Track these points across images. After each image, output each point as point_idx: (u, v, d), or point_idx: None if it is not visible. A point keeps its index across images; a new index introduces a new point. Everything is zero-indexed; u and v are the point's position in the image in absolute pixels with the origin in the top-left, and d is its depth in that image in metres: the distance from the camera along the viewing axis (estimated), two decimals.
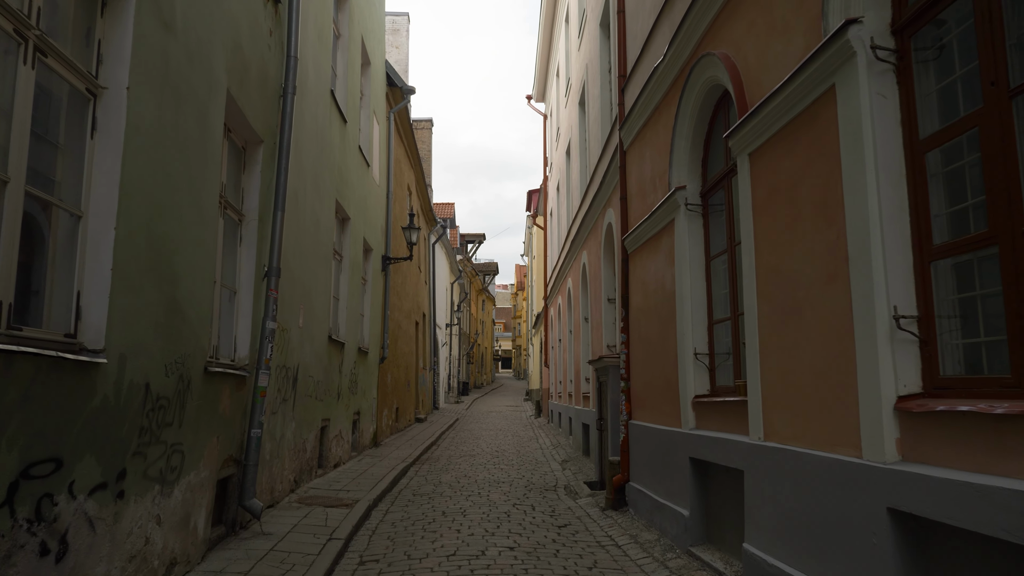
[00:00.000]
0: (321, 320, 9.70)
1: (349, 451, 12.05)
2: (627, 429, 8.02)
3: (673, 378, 6.37)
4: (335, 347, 10.62)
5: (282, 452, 7.95)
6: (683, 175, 6.26)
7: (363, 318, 13.73)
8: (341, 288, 11.53)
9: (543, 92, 24.60)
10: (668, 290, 6.57)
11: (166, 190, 4.30)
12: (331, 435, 10.60)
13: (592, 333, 12.30)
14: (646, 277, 7.40)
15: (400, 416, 18.52)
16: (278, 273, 6.64)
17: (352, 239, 11.97)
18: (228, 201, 6.00)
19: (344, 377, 11.42)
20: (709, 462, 5.56)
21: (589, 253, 12.65)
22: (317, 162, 9.24)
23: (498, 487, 9.83)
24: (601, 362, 9.69)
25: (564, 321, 17.80)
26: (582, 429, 13.53)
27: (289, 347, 8.10)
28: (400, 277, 18.39)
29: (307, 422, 9.11)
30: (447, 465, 12.33)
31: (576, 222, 14.38)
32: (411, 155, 20.39)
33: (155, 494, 4.35)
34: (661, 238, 6.83)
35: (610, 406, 9.31)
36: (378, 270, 14.77)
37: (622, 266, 8.32)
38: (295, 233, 8.13)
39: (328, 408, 10.34)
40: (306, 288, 8.81)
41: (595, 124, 11.99)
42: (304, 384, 8.88)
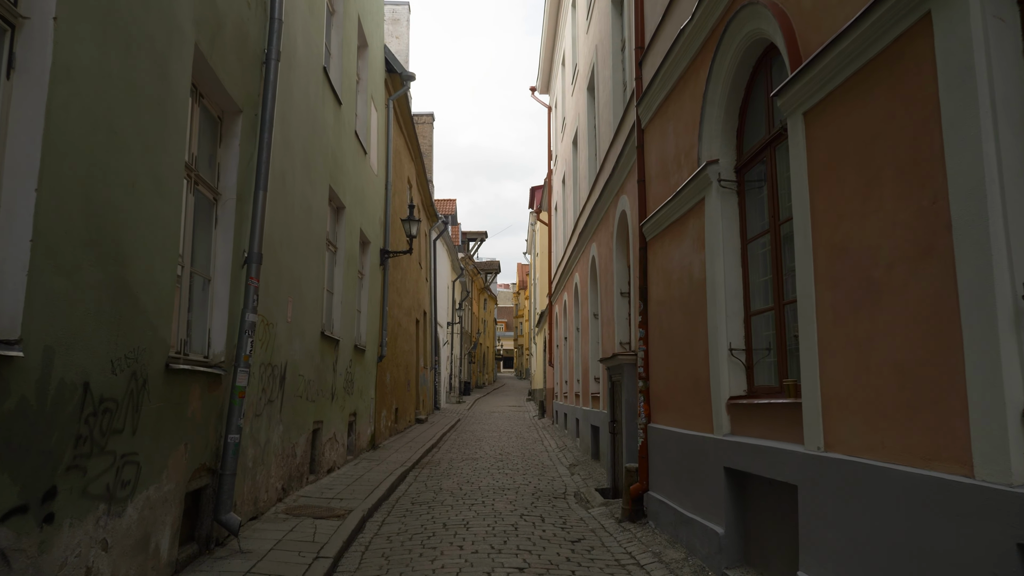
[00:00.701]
0: (313, 315, 9.00)
1: (345, 455, 11.35)
2: (645, 433, 7.31)
3: (702, 377, 5.66)
4: (328, 344, 9.92)
5: (268, 458, 7.25)
6: (715, 148, 5.54)
7: (360, 314, 13.03)
8: (335, 281, 10.83)
9: (547, 84, 23.89)
10: (696, 278, 5.85)
11: (111, 151, 3.59)
12: (324, 438, 9.90)
13: (602, 330, 11.59)
14: (669, 266, 6.69)
15: (400, 417, 17.82)
16: (259, 260, 5.93)
17: (348, 230, 11.26)
18: (200, 175, 5.29)
19: (339, 376, 10.72)
20: (749, 473, 4.85)
21: (599, 245, 11.94)
22: (308, 143, 8.54)
23: (503, 495, 9.12)
24: (615, 360, 8.98)
25: (570, 318, 17.08)
26: (591, 431, 12.82)
27: (276, 343, 7.40)
28: (400, 273, 17.69)
29: (297, 425, 8.40)
30: (448, 469, 11.62)
31: (584, 214, 13.67)
32: (411, 147, 19.68)
33: (100, 515, 3.64)
34: (688, 221, 6.11)
35: (625, 407, 8.60)
36: (376, 264, 14.07)
37: (639, 256, 7.61)
38: (282, 218, 7.43)
39: (321, 409, 9.64)
40: (295, 279, 8.11)
41: (606, 108, 11.28)
42: (293, 383, 8.18)
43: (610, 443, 9.66)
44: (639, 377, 7.42)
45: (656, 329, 7.15)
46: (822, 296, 3.83)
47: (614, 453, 9.45)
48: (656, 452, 6.99)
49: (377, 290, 14.24)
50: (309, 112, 8.52)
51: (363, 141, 12.45)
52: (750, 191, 5.37)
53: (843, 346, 3.62)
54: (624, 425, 8.61)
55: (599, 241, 11.91)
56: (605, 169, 10.95)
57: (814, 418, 3.86)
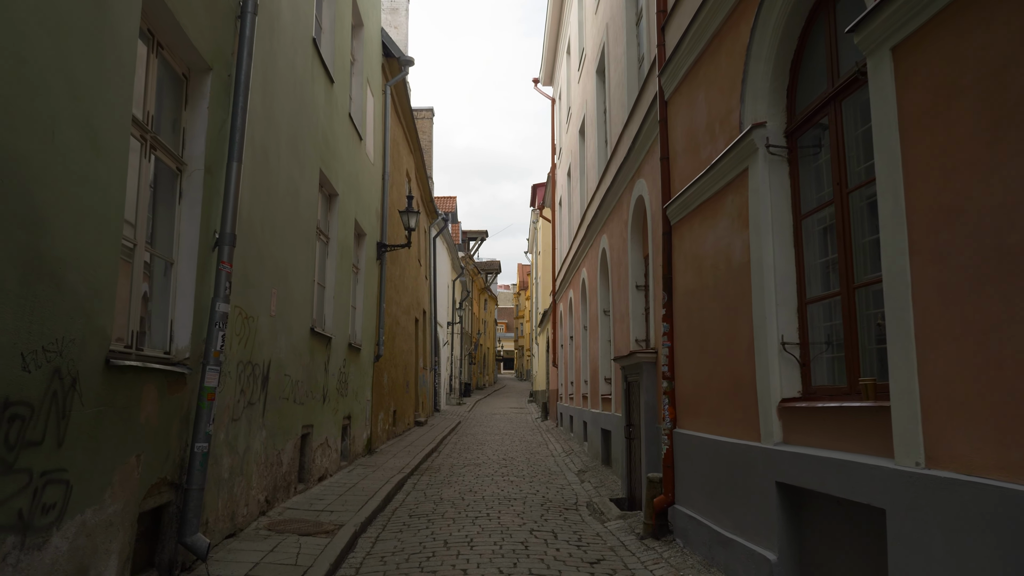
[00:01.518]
0: (301, 309, 8.22)
1: (338, 461, 10.57)
2: (671, 440, 6.52)
3: (745, 376, 4.88)
4: (319, 341, 9.14)
5: (247, 467, 6.47)
6: (761, 109, 4.76)
7: (355, 311, 12.25)
8: (327, 274, 10.05)
9: (551, 75, 23.13)
10: (737, 263, 5.07)
11: (16, 85, 2.81)
12: (315, 443, 9.11)
13: (615, 327, 10.81)
14: (700, 251, 5.90)
15: (398, 419, 17.04)
16: (233, 242, 5.14)
17: (341, 219, 10.48)
18: (158, 139, 4.50)
19: (331, 377, 9.93)
20: (810, 491, 4.07)
21: (610, 236, 11.16)
22: (295, 120, 7.76)
23: (509, 506, 8.32)
24: (632, 359, 8.20)
25: (577, 316, 16.30)
26: (600, 436, 12.03)
27: (257, 339, 6.62)
28: (398, 269, 16.90)
29: (283, 429, 7.62)
30: (449, 476, 10.83)
31: (592, 205, 12.89)
32: (410, 139, 18.90)
33: (7, 550, 2.86)
34: (725, 197, 5.33)
35: (643, 410, 7.82)
36: (372, 258, 13.29)
37: (662, 242, 6.83)
38: (264, 200, 6.65)
39: (311, 412, 8.86)
40: (280, 269, 7.33)
41: (618, 88, 10.51)
42: (278, 384, 7.40)
43: (625, 449, 8.88)
44: (664, 377, 6.63)
45: (683, 323, 6.36)
46: (922, 273, 3.05)
47: (630, 460, 8.67)
48: (684, 461, 6.20)
49: (373, 286, 13.46)
50: (296, 86, 7.74)
51: (358, 126, 11.68)
52: (804, 159, 4.59)
53: (956, 335, 2.83)
54: (643, 430, 7.83)
55: (610, 232, 11.13)
56: (618, 153, 10.17)
57: (909, 426, 3.07)
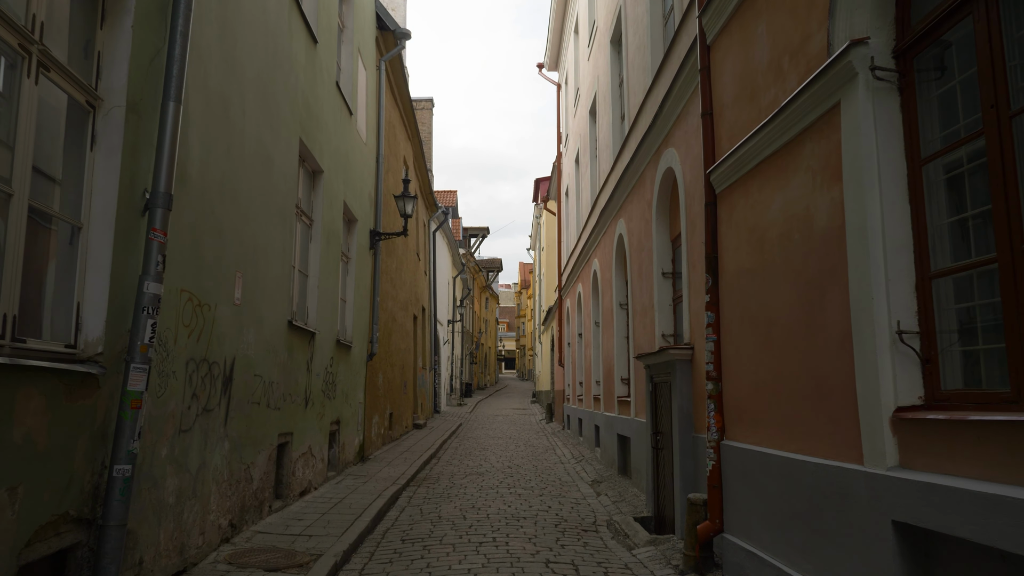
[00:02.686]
0: (276, 299, 7.06)
1: (324, 471, 9.42)
2: (717, 454, 5.36)
3: (835, 376, 3.72)
4: (300, 337, 7.98)
5: (203, 488, 5.31)
6: (861, 22, 3.59)
7: (345, 304, 11.09)
8: (311, 261, 8.89)
9: (556, 59, 21.97)
10: (823, 228, 3.91)
11: None
12: (295, 453, 7.96)
13: (634, 321, 9.65)
14: (761, 219, 4.75)
15: (395, 423, 15.88)
16: (168, 204, 3.98)
17: (327, 200, 9.32)
18: (51, 57, 3.34)
19: (315, 377, 8.78)
20: (948, 536, 2.91)
21: (629, 220, 10.00)
22: (267, 73, 6.60)
23: (518, 527, 7.16)
24: (661, 356, 7.04)
25: (586, 312, 15.14)
26: (616, 442, 10.87)
27: (215, 332, 5.47)
28: (394, 261, 15.74)
29: (253, 439, 6.47)
30: (449, 488, 9.68)
31: (607, 188, 11.73)
32: (408, 124, 17.74)
33: None
34: (801, 146, 4.17)
35: (676, 416, 6.66)
36: (365, 247, 12.13)
37: (706, 215, 5.67)
38: (225, 161, 5.50)
39: (290, 418, 7.70)
40: (247, 249, 6.18)
41: (638, 53, 9.35)
42: (246, 387, 6.25)
43: (651, 460, 7.72)
44: (708, 377, 5.47)
45: (735, 311, 5.20)
46: None
47: (657, 473, 7.51)
48: (738, 482, 5.04)
49: (366, 277, 12.29)
50: (268, 34, 6.59)
51: (347, 99, 10.51)
52: (923, 85, 3.42)
53: None
54: (675, 439, 6.67)
55: (629, 215, 9.97)
56: (639, 126, 9.01)
57: None
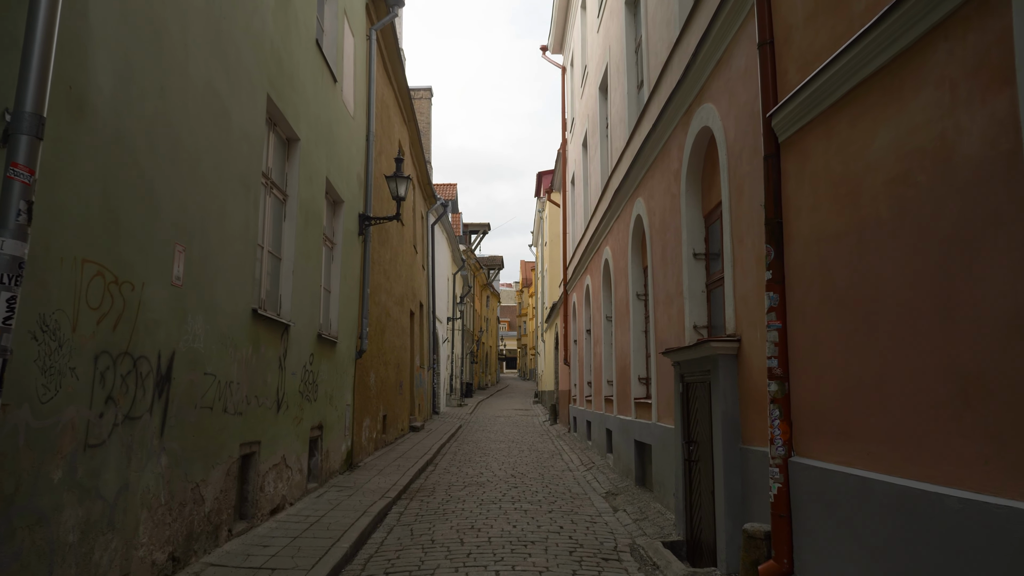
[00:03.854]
0: (235, 282, 5.90)
1: (304, 483, 8.25)
2: (785, 474, 4.18)
3: (999, 373, 2.55)
4: (269, 329, 6.81)
5: (124, 517, 4.15)
6: None
7: (329, 295, 9.92)
8: (284, 242, 7.72)
9: (561, 40, 20.80)
10: (974, 160, 2.74)
11: None
12: (264, 465, 6.80)
13: (657, 312, 8.47)
14: (855, 164, 3.58)
15: (389, 425, 14.71)
16: (39, 130, 2.82)
17: (305, 174, 8.15)
18: None
19: (290, 377, 7.62)
20: None
21: (650, 197, 8.83)
22: (221, 5, 5.44)
23: (526, 555, 5.99)
24: (697, 351, 5.86)
25: (596, 306, 13.98)
26: (634, 449, 9.69)
27: (143, 318, 4.30)
28: (389, 252, 14.58)
29: (203, 452, 5.31)
30: (445, 502, 8.50)
31: (622, 165, 10.56)
32: (404, 107, 16.57)
33: None
34: (931, 49, 2.99)
35: (718, 423, 5.49)
36: (353, 233, 10.95)
37: (767, 172, 4.50)
38: (157, 102, 4.34)
39: (256, 424, 6.54)
40: (193, 219, 5.01)
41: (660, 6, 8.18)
42: (192, 388, 5.08)
43: (683, 474, 6.55)
44: (770, 376, 4.29)
45: (811, 289, 4.03)
46: None
47: (691, 490, 6.34)
48: (817, 513, 3.87)
49: (355, 266, 11.12)
50: None
51: (331, 63, 9.34)
52: None
53: None
54: (717, 450, 5.50)
55: (651, 191, 8.79)
56: (664, 86, 7.84)
57: None
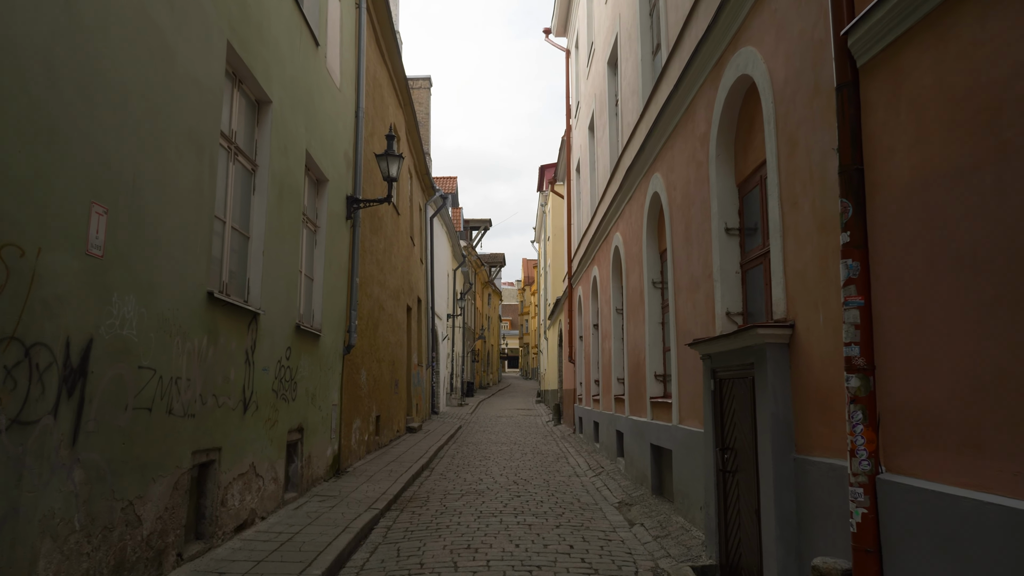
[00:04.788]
0: (181, 257, 4.93)
1: (280, 493, 7.29)
2: (872, 495, 3.20)
3: None
4: (230, 318, 5.84)
5: (12, 553, 3.18)
6: None
7: (312, 284, 8.96)
8: (253, 218, 6.74)
9: (565, 22, 19.84)
10: None
11: None
12: (227, 475, 5.83)
13: (678, 300, 7.49)
14: (1001, 69, 2.60)
15: (383, 427, 13.75)
16: None
17: (279, 143, 7.18)
18: None
19: (261, 373, 6.65)
20: None
21: (669, 170, 7.84)
22: None
23: None
24: (735, 340, 4.88)
25: (604, 298, 13.01)
26: (650, 454, 8.72)
27: (39, 293, 3.33)
28: (383, 241, 13.61)
29: (138, 463, 4.34)
30: (439, 515, 7.53)
31: (635, 141, 9.58)
32: (399, 89, 15.61)
33: None
34: None
35: (766, 427, 4.50)
36: (340, 216, 9.98)
37: (842, 106, 3.52)
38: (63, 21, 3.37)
39: (216, 428, 5.57)
40: (120, 175, 4.04)
41: None
42: (121, 384, 4.11)
43: (715, 486, 5.57)
44: (850, 367, 3.30)
45: (909, 252, 3.05)
46: None
47: (726, 505, 5.36)
48: (929, 552, 2.89)
49: (342, 253, 10.15)
50: None
51: (311, 23, 8.37)
52: None
53: None
54: (764, 460, 4.53)
55: (671, 163, 7.81)
56: (686, 40, 6.85)
57: None
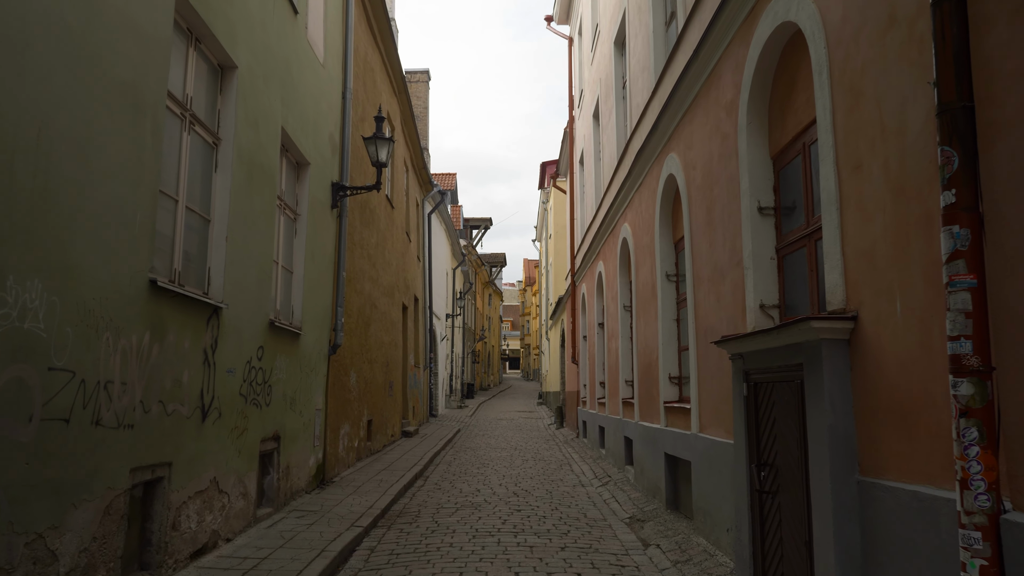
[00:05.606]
0: (109, 236, 4.09)
1: (251, 509, 6.47)
2: (994, 540, 2.36)
3: None
4: (183, 311, 5.00)
5: None
6: None
7: (291, 276, 8.13)
8: (217, 199, 5.89)
9: (567, 8, 19.02)
10: None
11: None
12: (179, 495, 5.01)
13: (698, 293, 6.66)
14: None
15: (376, 431, 12.92)
16: None
17: (248, 115, 6.35)
18: None
19: (225, 375, 5.81)
20: None
21: (688, 149, 7.01)
22: None
23: None
24: (784, 335, 4.04)
25: (611, 295, 12.18)
26: (664, 465, 7.87)
27: None
28: (375, 235, 12.79)
29: (51, 486, 3.50)
30: (430, 533, 6.70)
31: (647, 119, 8.75)
32: (394, 77, 14.77)
33: None
34: None
35: (822, 442, 3.66)
36: (324, 204, 9.16)
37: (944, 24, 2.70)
38: None
39: (163, 440, 4.73)
40: (13, 123, 3.23)
41: None
42: (20, 389, 3.28)
43: (748, 507, 4.74)
44: (961, 370, 2.47)
45: None
46: None
47: (762, 533, 4.52)
48: None
49: (327, 245, 9.33)
50: None
51: None
52: None
53: None
54: (820, 483, 3.69)
55: (689, 140, 6.98)
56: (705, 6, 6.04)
57: None
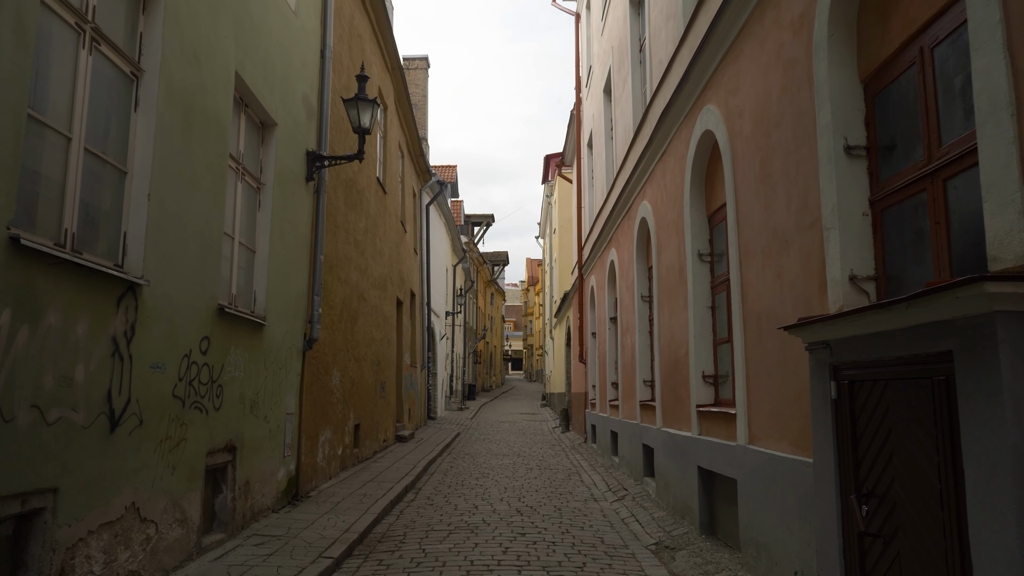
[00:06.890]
0: None
1: (194, 539, 5.20)
2: None
3: None
4: (76, 285, 3.71)
5: None
6: None
7: (252, 256, 6.87)
8: (138, 146, 4.61)
9: None
10: None
11: None
12: (74, 530, 3.74)
13: (746, 271, 5.37)
14: None
15: (364, 437, 11.64)
16: None
17: (184, 46, 5.08)
18: None
19: (149, 372, 4.54)
20: None
21: (731, 95, 5.74)
22: None
23: None
24: (920, 310, 2.76)
25: (625, 286, 10.91)
26: (698, 480, 6.58)
27: None
28: (363, 219, 11.51)
29: None
30: (414, 569, 5.41)
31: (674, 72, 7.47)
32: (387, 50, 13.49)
33: None
34: None
35: (993, 467, 2.39)
36: (298, 175, 7.88)
37: None
38: None
39: (40, 461, 3.43)
40: None
41: None
42: None
43: (841, 552, 3.44)
44: None
45: None
46: None
47: None
48: None
49: (302, 223, 8.05)
50: None
51: None
52: None
53: None
54: (994, 529, 2.42)
55: (733, 85, 5.69)
56: None
57: None
